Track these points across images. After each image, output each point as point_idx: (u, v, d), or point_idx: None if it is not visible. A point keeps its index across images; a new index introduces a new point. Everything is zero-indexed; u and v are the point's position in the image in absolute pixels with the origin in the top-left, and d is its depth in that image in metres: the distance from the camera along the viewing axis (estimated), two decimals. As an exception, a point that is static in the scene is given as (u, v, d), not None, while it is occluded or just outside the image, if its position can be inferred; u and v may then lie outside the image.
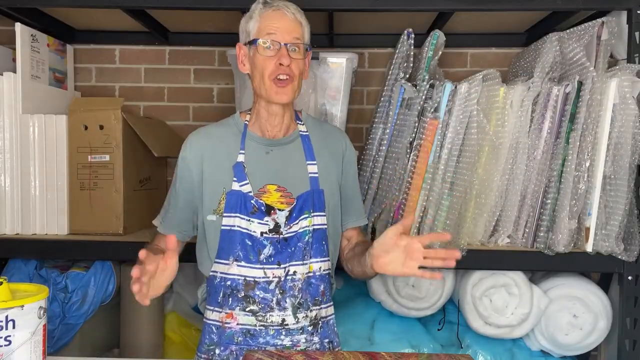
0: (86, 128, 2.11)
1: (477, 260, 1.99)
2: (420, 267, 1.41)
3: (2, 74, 2.08)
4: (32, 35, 2.19)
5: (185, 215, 1.63)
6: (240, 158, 1.58)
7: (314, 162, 1.62)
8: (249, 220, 1.54)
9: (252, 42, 1.55)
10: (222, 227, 1.55)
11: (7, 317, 1.19)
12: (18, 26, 2.11)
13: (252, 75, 1.59)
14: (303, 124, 1.67)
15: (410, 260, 1.41)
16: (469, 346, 2.21)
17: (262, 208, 1.55)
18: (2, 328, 1.19)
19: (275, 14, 1.54)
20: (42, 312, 1.25)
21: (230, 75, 2.50)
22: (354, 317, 2.28)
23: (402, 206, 2.01)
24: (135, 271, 1.25)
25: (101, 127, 2.11)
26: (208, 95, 2.70)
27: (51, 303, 2.11)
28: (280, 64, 1.52)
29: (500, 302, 2.13)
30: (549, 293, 2.15)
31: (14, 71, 2.10)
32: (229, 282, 1.55)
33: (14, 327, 1.20)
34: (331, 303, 1.66)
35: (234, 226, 1.54)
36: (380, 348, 2.17)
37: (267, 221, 1.55)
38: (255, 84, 1.58)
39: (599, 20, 1.94)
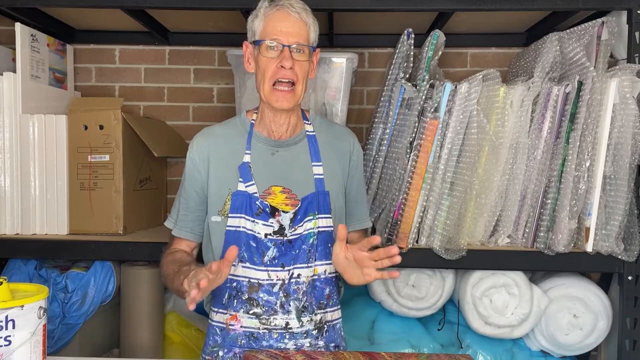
0: (86, 128, 2.11)
1: (477, 260, 1.99)
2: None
3: (2, 74, 2.08)
4: (32, 35, 2.18)
5: (199, 216, 1.62)
6: (247, 158, 1.57)
7: (320, 163, 1.60)
8: (253, 221, 1.54)
9: (257, 43, 1.54)
10: (228, 228, 1.54)
11: (7, 317, 1.19)
12: (18, 26, 2.11)
13: (256, 75, 1.59)
14: (310, 124, 1.66)
15: (366, 268, 1.41)
16: (469, 346, 2.21)
17: (267, 209, 1.54)
18: (2, 328, 1.19)
19: (279, 15, 1.52)
20: (42, 312, 1.24)
21: (230, 75, 2.49)
22: (354, 317, 2.28)
23: (402, 206, 2.01)
24: (203, 278, 1.26)
25: (101, 127, 2.11)
26: (208, 95, 2.70)
27: (51, 303, 2.11)
28: (282, 67, 1.50)
29: (500, 302, 2.13)
30: (549, 293, 2.15)
31: (14, 71, 2.10)
32: (234, 284, 1.54)
33: (13, 327, 1.20)
34: (338, 307, 1.64)
35: (239, 227, 1.53)
36: (380, 348, 2.17)
37: (272, 223, 1.54)
38: (257, 85, 1.58)
39: (599, 20, 1.94)
